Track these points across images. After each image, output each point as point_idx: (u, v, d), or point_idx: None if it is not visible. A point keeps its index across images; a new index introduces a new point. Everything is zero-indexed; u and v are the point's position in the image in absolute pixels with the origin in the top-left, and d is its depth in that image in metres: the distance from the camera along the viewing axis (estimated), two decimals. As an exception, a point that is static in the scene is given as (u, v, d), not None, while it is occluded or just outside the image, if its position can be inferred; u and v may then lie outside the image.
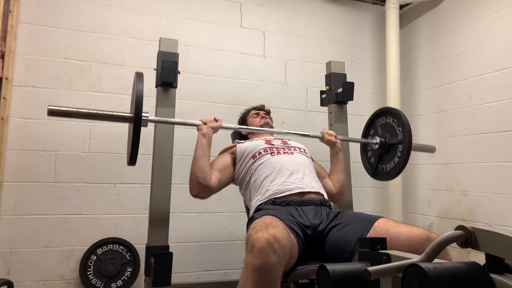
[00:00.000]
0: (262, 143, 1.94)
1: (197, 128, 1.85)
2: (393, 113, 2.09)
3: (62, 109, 1.55)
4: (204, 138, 1.80)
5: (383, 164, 2.13)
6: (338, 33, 3.29)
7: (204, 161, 1.76)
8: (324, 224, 1.57)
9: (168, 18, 2.79)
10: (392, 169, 2.05)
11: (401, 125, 2.01)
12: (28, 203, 2.38)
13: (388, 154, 2.09)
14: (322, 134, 2.10)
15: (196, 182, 1.74)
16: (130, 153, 1.60)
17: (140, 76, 1.64)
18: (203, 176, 1.73)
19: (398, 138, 2.01)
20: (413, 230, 1.40)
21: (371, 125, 2.24)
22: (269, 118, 2.26)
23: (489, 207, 2.51)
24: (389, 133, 2.09)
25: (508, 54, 2.45)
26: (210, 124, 1.85)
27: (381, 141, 2.10)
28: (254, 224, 1.36)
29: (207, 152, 1.79)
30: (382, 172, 2.15)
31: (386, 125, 2.13)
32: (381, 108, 2.22)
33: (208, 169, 1.76)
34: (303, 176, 1.79)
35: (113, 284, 2.44)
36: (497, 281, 0.59)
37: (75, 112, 1.58)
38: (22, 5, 2.46)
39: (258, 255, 1.18)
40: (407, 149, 1.94)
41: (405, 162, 1.97)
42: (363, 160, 2.28)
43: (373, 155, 2.22)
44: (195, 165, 1.76)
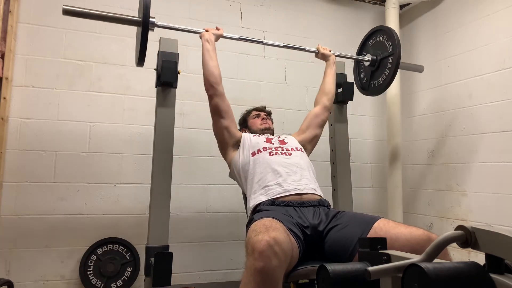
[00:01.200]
0: (262, 141, 1.95)
1: (200, 35, 2.03)
2: (384, 30, 2.29)
3: (76, 9, 1.79)
4: (207, 43, 1.98)
5: (374, 80, 2.33)
6: (338, 33, 3.29)
7: (212, 64, 1.94)
8: (323, 224, 1.57)
9: (168, 18, 2.79)
10: (383, 81, 2.24)
11: (391, 39, 2.20)
12: (28, 203, 2.38)
13: (379, 70, 2.29)
14: (318, 49, 2.32)
15: (209, 84, 1.93)
16: (139, 55, 1.80)
17: None
18: (213, 79, 1.92)
19: (388, 51, 2.21)
20: (413, 230, 1.39)
21: (363, 47, 2.43)
22: (270, 120, 2.26)
23: (489, 207, 2.51)
24: (380, 51, 2.30)
25: (508, 54, 2.45)
26: (212, 31, 2.03)
27: (372, 59, 2.32)
28: (254, 226, 1.35)
29: (213, 56, 1.96)
30: (373, 87, 2.34)
31: (378, 43, 2.32)
32: (373, 28, 2.41)
33: (217, 72, 1.94)
34: (301, 178, 1.79)
35: (113, 284, 2.44)
36: (497, 281, 0.59)
37: (87, 13, 1.81)
38: (22, 5, 2.46)
39: (259, 258, 1.17)
40: (396, 60, 2.13)
41: (394, 73, 2.17)
42: (355, 80, 2.48)
43: (365, 74, 2.41)
44: (205, 70, 1.95)
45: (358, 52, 2.45)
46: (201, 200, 2.75)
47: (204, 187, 2.76)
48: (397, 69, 2.16)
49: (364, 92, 2.44)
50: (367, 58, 2.33)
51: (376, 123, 3.33)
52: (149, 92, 2.63)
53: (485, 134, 2.56)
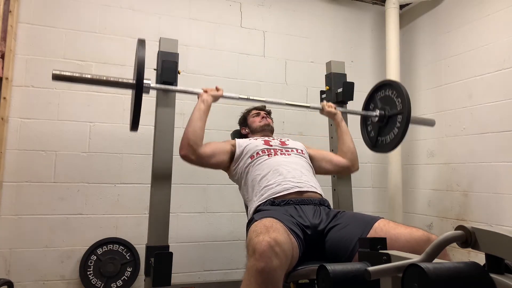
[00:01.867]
0: (260, 144, 1.94)
1: (198, 95, 1.91)
2: (392, 85, 2.10)
3: (66, 74, 1.62)
4: (202, 104, 1.85)
5: (383, 137, 2.13)
6: (338, 33, 3.29)
7: (198, 125, 1.80)
8: (323, 224, 1.57)
9: (168, 18, 2.79)
10: (392, 140, 2.05)
11: (400, 96, 2.01)
12: (28, 203, 2.39)
13: (388, 126, 2.10)
14: (322, 106, 2.13)
15: (186, 143, 1.77)
16: (132, 119, 1.68)
17: (142, 43, 1.69)
18: (194, 139, 1.77)
19: (398, 109, 2.01)
20: (413, 231, 1.40)
21: (371, 99, 2.24)
22: (270, 118, 2.26)
23: (489, 207, 2.51)
24: (389, 106, 2.10)
25: (508, 54, 2.45)
26: (211, 92, 1.90)
27: (380, 114, 2.12)
28: (254, 227, 1.35)
29: (203, 117, 1.83)
30: (381, 144, 2.14)
31: (386, 98, 2.13)
32: (381, 82, 2.22)
33: (200, 134, 1.79)
34: (301, 175, 1.78)
35: (113, 284, 2.44)
36: (497, 281, 0.59)
37: (79, 78, 1.65)
38: (22, 5, 2.46)
39: (259, 258, 1.18)
40: (406, 119, 1.94)
41: (404, 132, 1.97)
42: (363, 134, 2.29)
43: (373, 128, 2.22)
44: (189, 127, 1.80)
45: (365, 104, 2.28)
46: (201, 200, 2.75)
47: (204, 187, 2.76)
48: (407, 128, 1.98)
49: (374, 149, 2.24)
50: (375, 114, 2.14)
51: (376, 123, 3.33)
52: (149, 92, 2.62)
53: (485, 134, 2.56)
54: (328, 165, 2.04)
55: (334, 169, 2.08)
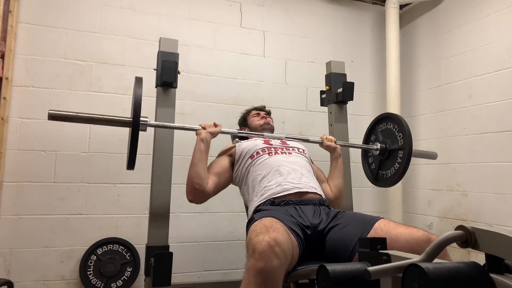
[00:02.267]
0: (260, 143, 1.94)
1: (196, 132, 1.85)
2: (394, 119, 2.09)
3: (62, 113, 1.63)
4: (202, 143, 1.80)
5: (384, 170, 2.14)
6: (338, 33, 3.29)
7: (201, 166, 1.77)
8: (323, 224, 1.57)
9: (168, 18, 2.79)
10: (393, 175, 2.06)
11: (401, 131, 2.01)
12: (28, 203, 2.38)
13: (389, 160, 2.10)
14: (322, 140, 2.10)
15: (192, 188, 1.76)
16: (129, 157, 1.64)
17: (139, 81, 1.65)
18: (199, 182, 1.75)
19: (399, 144, 2.02)
20: (413, 231, 1.40)
21: (372, 131, 2.24)
22: (270, 118, 2.26)
23: (489, 207, 2.51)
24: (390, 139, 2.10)
25: (508, 54, 2.45)
26: (209, 129, 1.84)
27: (381, 147, 2.11)
28: (254, 227, 1.35)
29: (204, 158, 1.79)
30: (382, 178, 2.15)
31: (387, 131, 2.13)
32: (382, 114, 2.22)
33: (204, 175, 1.77)
34: (301, 176, 1.79)
35: (113, 284, 2.44)
36: (497, 281, 0.59)
37: (74, 116, 1.65)
38: (22, 5, 2.46)
39: (259, 258, 1.17)
40: (407, 155, 1.94)
41: (405, 169, 1.98)
42: (364, 166, 2.29)
43: (374, 161, 2.23)
44: (192, 171, 1.77)
45: (366, 137, 2.28)
46: (200, 201, 2.74)
47: (204, 187, 2.76)
48: (409, 163, 1.98)
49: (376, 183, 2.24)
50: (375, 147, 2.14)
51: (376, 123, 3.33)
52: (149, 92, 2.62)
53: (485, 134, 2.56)
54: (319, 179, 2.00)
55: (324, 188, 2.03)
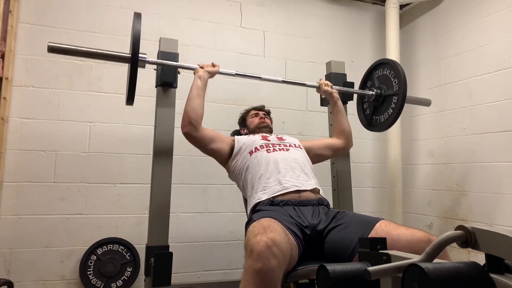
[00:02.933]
0: (258, 139, 1.95)
1: (194, 71, 1.92)
2: (390, 65, 2.15)
3: (61, 46, 1.65)
4: (199, 80, 1.87)
5: (378, 116, 2.20)
6: (338, 33, 3.29)
7: (197, 102, 1.83)
8: (323, 224, 1.57)
9: (168, 18, 2.79)
10: (386, 120, 2.12)
11: (397, 76, 2.06)
12: (28, 203, 2.38)
13: (383, 105, 2.16)
14: (319, 85, 2.17)
15: (187, 122, 1.80)
16: (128, 93, 1.72)
17: (138, 17, 1.72)
18: (194, 117, 1.80)
19: (394, 90, 2.07)
20: (414, 232, 1.40)
21: (368, 77, 2.29)
22: (269, 118, 2.25)
23: (489, 207, 2.51)
24: (385, 85, 2.15)
25: (508, 54, 2.45)
26: (207, 68, 1.93)
27: (376, 93, 2.18)
28: (252, 227, 1.35)
29: (201, 94, 1.86)
30: (376, 123, 2.22)
31: (383, 77, 2.18)
32: (379, 60, 2.28)
33: (200, 111, 1.83)
34: (300, 173, 1.79)
35: (113, 284, 2.44)
36: (497, 281, 0.59)
37: (74, 50, 1.68)
38: (22, 5, 2.46)
39: (257, 259, 1.18)
40: (401, 101, 2.00)
41: (398, 113, 2.05)
42: (358, 112, 2.36)
43: (368, 107, 2.28)
44: (188, 105, 1.83)
45: (362, 83, 2.32)
46: (201, 200, 2.75)
47: (204, 187, 2.76)
48: (402, 109, 2.04)
49: (369, 128, 2.30)
50: (371, 93, 2.19)
51: (376, 123, 3.33)
52: (149, 92, 2.62)
53: (485, 134, 2.56)
54: (329, 151, 2.12)
55: (333, 154, 2.17)
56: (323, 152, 2.11)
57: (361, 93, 2.26)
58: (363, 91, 2.24)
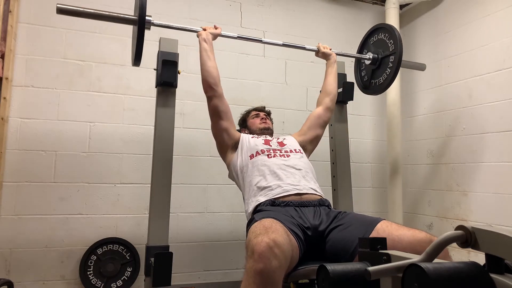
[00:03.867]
0: (260, 143, 1.95)
1: (197, 34, 1.97)
2: (385, 28, 2.24)
3: (70, 7, 1.71)
4: (205, 43, 1.93)
5: (375, 79, 2.28)
6: (338, 33, 3.29)
7: (210, 65, 1.89)
8: (324, 224, 1.57)
9: (168, 18, 2.79)
10: (384, 80, 2.19)
11: (392, 38, 2.15)
12: (28, 203, 2.38)
13: (380, 68, 2.24)
14: (318, 48, 2.26)
15: (208, 86, 1.89)
16: (135, 55, 1.78)
17: None
18: (212, 80, 1.88)
19: (390, 50, 2.16)
20: (415, 233, 1.39)
21: (364, 45, 2.38)
22: (270, 119, 2.25)
23: (489, 207, 2.51)
24: (382, 49, 2.24)
25: (508, 54, 2.45)
26: (210, 30, 1.98)
27: (373, 57, 2.26)
28: (254, 228, 1.35)
29: (211, 56, 1.91)
30: (373, 86, 2.29)
31: (379, 41, 2.28)
32: (375, 25, 2.37)
33: (215, 72, 1.90)
34: (300, 179, 1.79)
35: (113, 284, 2.44)
36: (497, 281, 0.59)
37: (82, 12, 1.76)
38: (22, 5, 2.46)
39: (258, 259, 1.17)
40: (398, 59, 2.08)
41: (396, 72, 2.12)
42: (356, 77, 2.44)
43: (366, 72, 2.36)
44: (203, 71, 1.90)
45: (359, 50, 2.42)
46: (201, 200, 2.75)
47: (204, 187, 2.76)
48: (399, 68, 2.13)
49: (366, 91, 2.40)
50: (368, 56, 2.29)
51: (376, 123, 3.33)
52: (149, 92, 2.63)
53: (485, 134, 2.56)
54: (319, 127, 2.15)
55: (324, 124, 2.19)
56: (315, 133, 2.14)
57: (358, 57, 2.36)
58: (361, 55, 2.34)
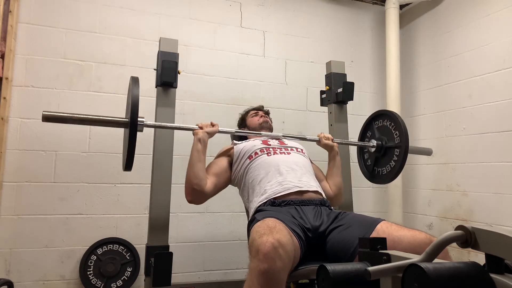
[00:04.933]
0: (258, 143, 1.94)
1: (193, 132, 1.84)
2: (390, 116, 2.09)
3: (56, 114, 1.57)
4: (199, 143, 1.79)
5: (380, 167, 2.14)
6: (338, 33, 3.29)
7: (199, 167, 1.75)
8: (324, 225, 1.56)
9: (168, 18, 2.79)
10: (389, 172, 2.06)
11: (398, 128, 2.01)
12: (28, 203, 2.38)
13: (385, 157, 2.10)
14: (319, 138, 2.08)
15: (191, 189, 1.75)
16: (126, 159, 1.60)
17: (136, 81, 1.61)
18: (197, 183, 1.74)
19: (395, 142, 2.02)
20: (416, 234, 1.39)
21: (368, 127, 2.24)
22: (268, 117, 2.25)
23: (489, 207, 2.51)
24: (386, 136, 2.10)
25: (508, 54, 2.45)
26: (206, 129, 1.83)
27: (377, 144, 2.12)
28: (257, 227, 1.34)
29: (202, 158, 1.78)
30: (378, 175, 2.15)
31: (383, 127, 2.13)
32: (378, 111, 2.22)
33: (203, 175, 1.76)
34: (301, 175, 1.78)
35: (113, 284, 2.44)
36: (497, 281, 0.59)
37: (69, 118, 1.60)
38: (22, 5, 2.46)
39: (263, 259, 1.17)
40: (404, 153, 1.95)
41: (401, 167, 1.98)
42: (359, 163, 2.29)
43: (369, 158, 2.23)
44: (190, 172, 1.76)
45: (362, 132, 2.27)
46: (198, 203, 2.74)
47: (204, 187, 2.76)
48: (405, 161, 1.98)
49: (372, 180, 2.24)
50: (371, 144, 2.14)
51: (376, 123, 3.33)
52: (149, 92, 2.62)
53: (485, 134, 2.56)
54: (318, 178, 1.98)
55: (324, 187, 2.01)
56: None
57: (362, 145, 2.21)
58: (364, 143, 2.19)
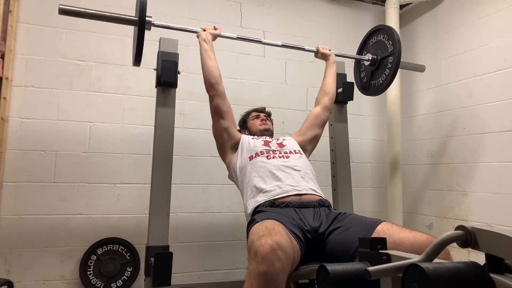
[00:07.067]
0: (260, 144, 1.95)
1: (197, 35, 2.00)
2: (384, 29, 2.28)
3: (72, 8, 1.74)
4: (205, 43, 1.95)
5: (374, 80, 2.31)
6: (338, 33, 3.29)
7: (211, 64, 1.92)
8: (324, 226, 1.56)
9: (168, 18, 2.79)
10: (383, 81, 2.22)
11: (391, 39, 2.19)
12: (28, 203, 2.38)
13: (379, 69, 2.28)
14: (317, 49, 2.30)
15: (210, 85, 1.92)
16: (135, 55, 1.80)
17: None
18: (214, 81, 1.91)
19: (388, 51, 2.19)
20: (417, 236, 1.39)
21: (363, 47, 2.42)
22: (270, 120, 2.25)
23: (489, 207, 2.51)
24: (381, 50, 2.28)
25: (508, 54, 2.45)
26: (209, 30, 2.00)
27: (372, 58, 2.30)
28: (256, 229, 1.34)
29: (211, 56, 1.94)
30: (373, 87, 2.33)
31: (378, 42, 2.31)
32: (374, 27, 2.40)
33: (217, 72, 1.93)
34: (299, 180, 1.79)
35: (113, 284, 2.44)
36: (497, 281, 0.59)
37: (83, 12, 1.78)
38: (22, 5, 2.46)
39: (262, 261, 1.17)
40: (397, 60, 2.12)
41: (394, 73, 2.15)
42: (356, 79, 2.48)
43: (365, 74, 2.39)
44: (205, 71, 1.93)
45: (359, 52, 2.44)
46: (201, 200, 2.75)
47: (204, 187, 2.76)
48: (398, 69, 2.14)
49: (364, 92, 2.42)
50: (367, 57, 2.31)
51: (376, 123, 3.33)
52: (149, 92, 2.63)
53: (485, 134, 2.56)
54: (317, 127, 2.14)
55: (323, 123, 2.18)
56: (314, 132, 2.13)
57: (357, 58, 2.39)
58: (360, 56, 2.37)
